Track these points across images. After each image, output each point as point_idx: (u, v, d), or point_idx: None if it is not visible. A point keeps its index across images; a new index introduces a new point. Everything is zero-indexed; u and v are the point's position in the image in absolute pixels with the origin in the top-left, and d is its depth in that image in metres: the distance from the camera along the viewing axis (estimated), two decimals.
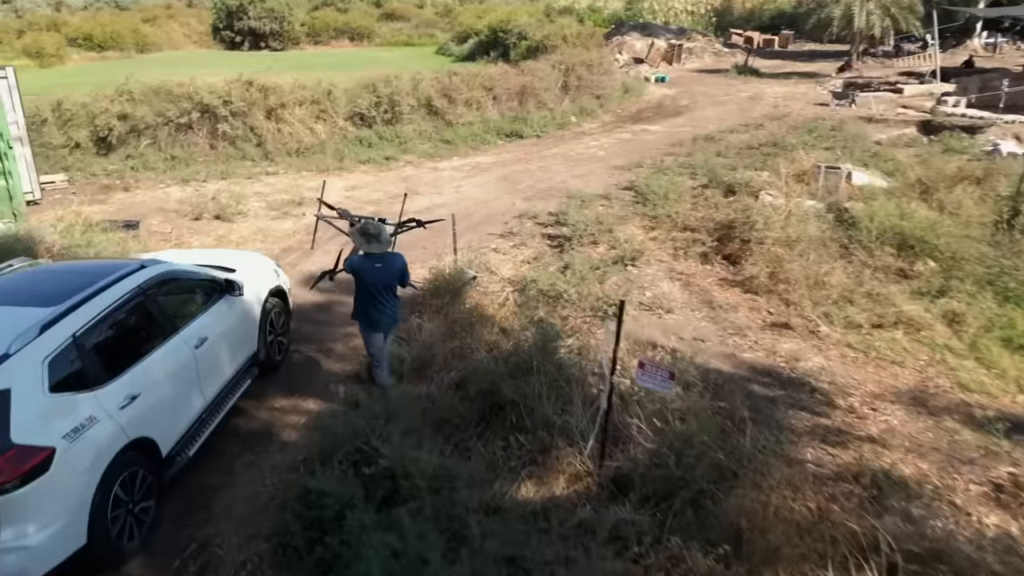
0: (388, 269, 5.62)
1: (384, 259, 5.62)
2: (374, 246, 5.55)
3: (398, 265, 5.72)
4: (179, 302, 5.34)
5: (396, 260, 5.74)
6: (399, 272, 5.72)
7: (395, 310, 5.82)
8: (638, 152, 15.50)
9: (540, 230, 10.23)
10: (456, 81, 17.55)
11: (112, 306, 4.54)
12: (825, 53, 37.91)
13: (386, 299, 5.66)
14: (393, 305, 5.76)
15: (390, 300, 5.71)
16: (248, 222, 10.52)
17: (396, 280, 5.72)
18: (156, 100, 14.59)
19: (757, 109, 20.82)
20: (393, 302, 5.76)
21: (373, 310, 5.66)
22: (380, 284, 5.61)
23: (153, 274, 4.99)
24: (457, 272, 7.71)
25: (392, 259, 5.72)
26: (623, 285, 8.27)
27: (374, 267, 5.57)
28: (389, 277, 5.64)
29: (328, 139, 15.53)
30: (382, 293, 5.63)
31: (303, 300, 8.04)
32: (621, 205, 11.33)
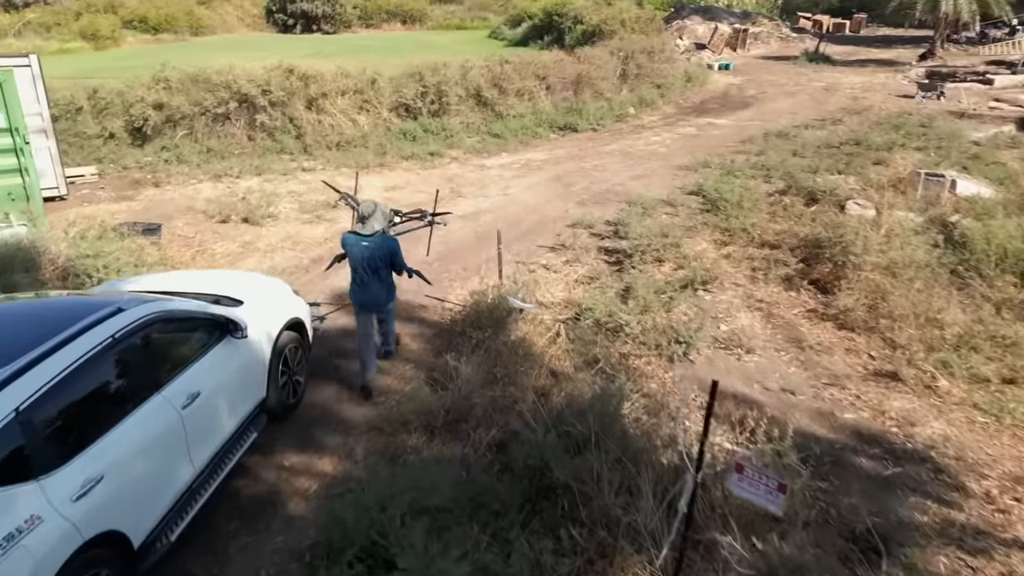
0: (374, 250, 5.70)
1: (373, 240, 5.69)
2: (361, 226, 5.69)
3: (386, 248, 5.75)
4: (165, 350, 4.43)
5: (386, 243, 5.77)
6: (386, 255, 5.76)
7: (379, 293, 5.89)
8: (704, 149, 14.19)
9: (596, 242, 9.12)
10: (508, 70, 16.46)
11: (73, 366, 3.64)
12: (901, 39, 35.52)
13: (368, 279, 5.79)
14: (376, 288, 5.85)
15: (372, 282, 5.81)
16: (278, 226, 9.69)
17: (383, 264, 5.78)
18: (193, 89, 13.90)
19: (833, 101, 19.17)
20: (377, 285, 5.84)
21: (355, 287, 5.90)
22: (364, 263, 5.74)
23: (132, 319, 4.09)
24: (501, 299, 6.69)
25: (382, 241, 5.74)
26: (694, 317, 7.13)
27: (360, 245, 5.71)
28: (374, 259, 5.72)
29: (371, 131, 14.64)
30: (365, 272, 5.77)
31: (328, 323, 7.14)
32: (688, 213, 10.13)
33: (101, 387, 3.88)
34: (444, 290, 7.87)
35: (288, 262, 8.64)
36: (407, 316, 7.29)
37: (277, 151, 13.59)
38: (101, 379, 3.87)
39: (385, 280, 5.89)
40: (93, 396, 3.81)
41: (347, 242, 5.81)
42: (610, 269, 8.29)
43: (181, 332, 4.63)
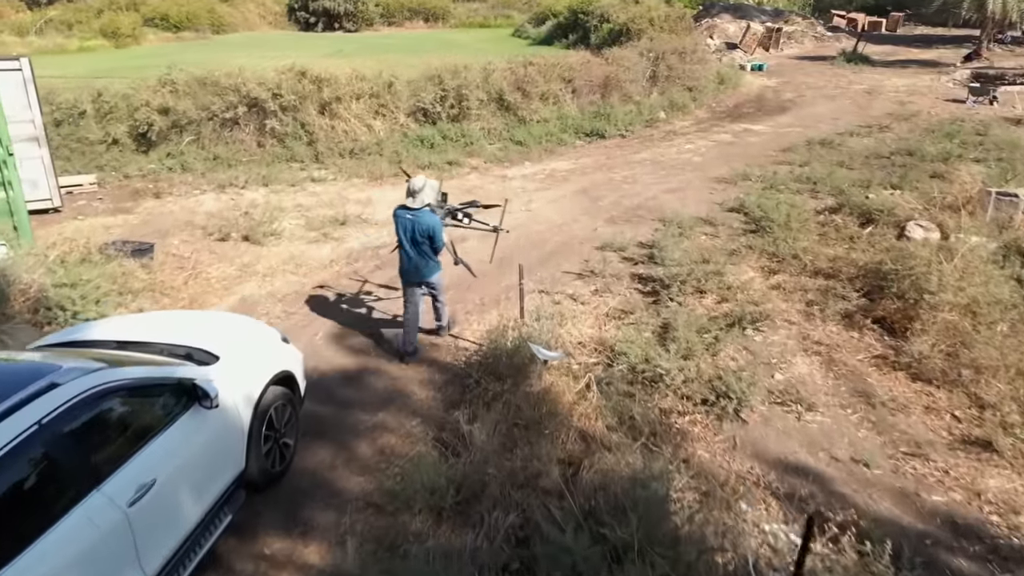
0: (416, 224, 5.98)
1: (416, 214, 5.99)
2: (411, 200, 5.99)
3: (426, 223, 5.97)
4: (111, 432, 3.63)
5: (426, 218, 5.99)
6: (426, 230, 5.98)
7: (420, 266, 6.17)
8: (741, 159, 13.21)
9: (628, 268, 8.23)
10: (532, 72, 15.57)
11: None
12: (942, 38, 34.13)
13: (411, 252, 6.11)
14: (418, 261, 6.14)
15: (414, 255, 6.11)
16: (280, 246, 8.91)
17: (423, 237, 6.01)
18: (201, 92, 13.21)
19: (877, 105, 18.05)
20: (418, 258, 6.13)
21: (402, 259, 6.25)
22: (407, 235, 6.06)
23: (68, 398, 3.30)
24: (522, 344, 5.83)
25: (423, 216, 5.99)
26: (744, 364, 6.22)
27: (406, 217, 6.05)
28: (416, 232, 6.00)
29: (387, 138, 13.85)
30: (408, 244, 6.09)
31: (326, 364, 6.34)
32: (729, 234, 9.20)
33: (13, 493, 3.07)
34: (458, 325, 7.04)
35: (288, 288, 7.86)
36: (420, 356, 6.47)
37: (287, 159, 12.84)
38: (16, 482, 3.08)
39: (426, 254, 6.12)
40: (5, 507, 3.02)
41: (396, 214, 6.15)
42: (645, 301, 7.39)
43: (133, 406, 3.81)
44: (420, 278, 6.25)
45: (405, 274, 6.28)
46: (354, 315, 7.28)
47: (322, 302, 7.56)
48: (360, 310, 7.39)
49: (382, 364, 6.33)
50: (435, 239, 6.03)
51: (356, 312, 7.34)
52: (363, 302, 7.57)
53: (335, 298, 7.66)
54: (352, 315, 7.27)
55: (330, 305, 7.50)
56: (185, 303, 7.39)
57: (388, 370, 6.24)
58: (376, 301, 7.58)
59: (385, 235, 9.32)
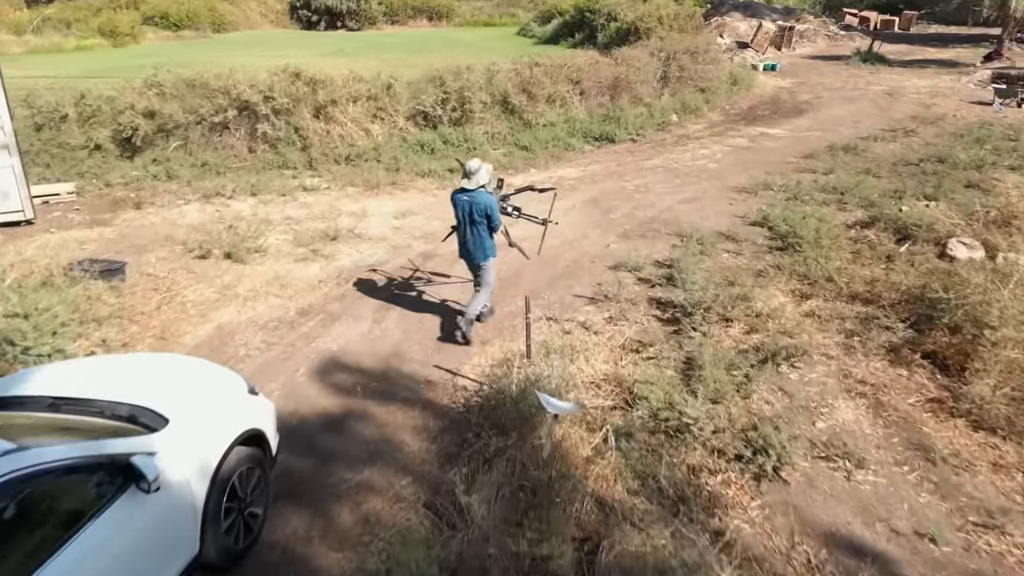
0: (474, 204, 6.19)
1: (472, 195, 6.19)
2: (464, 182, 6.19)
3: (483, 202, 6.18)
4: (27, 526, 2.91)
5: (483, 197, 6.20)
6: (482, 210, 6.19)
7: (475, 248, 6.39)
8: (760, 165, 12.46)
9: (645, 291, 7.49)
10: (538, 73, 14.82)
11: None
12: (957, 37, 33.30)
13: (468, 232, 6.34)
14: (473, 242, 6.37)
15: (471, 236, 6.35)
16: (265, 264, 8.19)
17: (480, 217, 6.21)
18: (189, 95, 12.51)
19: (899, 108, 17.26)
20: (474, 239, 6.36)
21: (460, 239, 6.49)
22: (464, 216, 6.28)
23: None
24: (529, 392, 5.10)
25: (480, 196, 6.20)
26: (780, 406, 5.49)
27: (463, 199, 6.24)
28: (473, 212, 6.21)
29: (385, 142, 13.13)
30: (466, 224, 6.31)
31: (308, 406, 5.62)
32: (754, 252, 8.45)
33: None
34: (458, 357, 6.32)
35: (271, 313, 7.14)
36: (408, 397, 5.75)
37: (279, 165, 12.12)
38: None
39: (482, 235, 6.33)
40: None
41: (453, 198, 6.36)
42: (665, 331, 6.65)
43: (56, 493, 3.10)
44: (477, 259, 6.46)
45: (464, 254, 6.59)
46: (343, 346, 6.55)
47: (305, 332, 6.84)
48: (350, 340, 6.67)
49: (370, 406, 5.61)
50: (492, 218, 6.24)
51: (345, 342, 6.62)
52: (353, 330, 6.85)
53: (322, 325, 6.94)
54: (341, 346, 6.55)
55: (315, 334, 6.79)
56: (156, 332, 6.69)
57: (376, 414, 5.52)
58: (374, 323, 6.87)
59: (380, 252, 8.60)
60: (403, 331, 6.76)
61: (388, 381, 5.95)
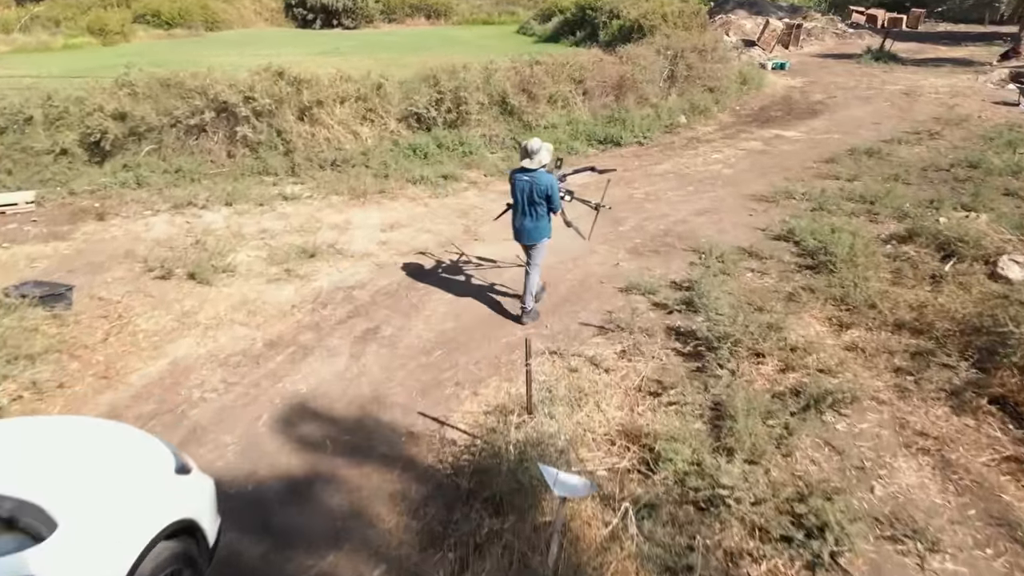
0: (534, 185, 6.10)
1: (532, 175, 6.10)
2: (525, 161, 6.08)
3: (544, 182, 6.08)
4: None
5: (543, 178, 6.10)
6: (543, 191, 6.09)
7: (532, 228, 6.29)
8: (778, 171, 11.57)
9: (662, 319, 6.59)
10: (539, 72, 13.93)
11: None
12: (968, 35, 32.48)
13: (526, 212, 6.26)
14: (531, 223, 6.27)
15: (529, 216, 6.25)
16: (233, 286, 7.28)
17: (540, 197, 6.12)
18: (163, 95, 11.61)
19: (919, 108, 16.36)
20: (531, 220, 6.25)
21: (515, 220, 6.41)
22: (523, 197, 6.20)
23: None
24: (531, 462, 4.20)
25: (540, 176, 6.09)
26: (828, 466, 4.60)
27: (522, 179, 6.17)
28: (532, 192, 6.11)
29: (375, 146, 12.23)
30: (523, 205, 6.23)
31: (267, 466, 4.73)
32: (781, 271, 7.56)
33: None
34: (447, 401, 5.43)
35: (235, 345, 6.25)
36: (386, 454, 4.85)
37: (259, 171, 11.22)
38: None
39: (540, 216, 6.26)
40: None
41: (512, 177, 6.27)
42: (687, 368, 5.77)
43: None
44: (533, 240, 6.36)
45: (517, 235, 6.47)
46: (314, 387, 5.66)
47: (272, 368, 5.94)
48: (322, 379, 5.78)
49: (341, 466, 4.72)
50: (552, 199, 6.14)
51: (317, 382, 5.73)
52: (327, 367, 5.96)
53: (291, 360, 6.04)
54: (311, 387, 5.66)
55: (284, 372, 5.89)
56: (99, 369, 5.80)
57: (348, 477, 4.63)
58: (352, 358, 5.97)
59: (363, 271, 7.71)
60: (384, 368, 5.87)
61: (364, 433, 5.06)
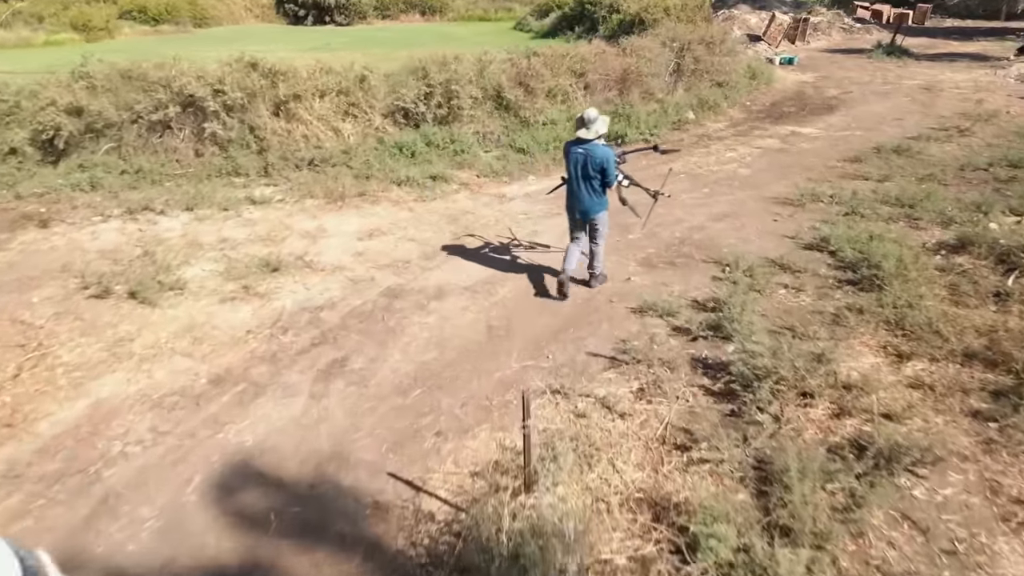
0: (589, 158, 5.95)
1: (587, 147, 5.94)
2: (582, 131, 5.91)
3: (600, 155, 5.93)
4: None
5: (599, 150, 5.93)
6: (598, 164, 5.94)
7: (588, 202, 6.14)
8: (799, 170, 10.54)
9: (685, 347, 5.55)
10: (537, 64, 12.88)
11: None
12: (978, 30, 31.57)
13: (580, 187, 6.11)
14: (586, 197, 6.12)
15: (583, 189, 6.10)
16: (181, 306, 6.23)
17: (595, 171, 5.98)
18: (124, 88, 10.57)
19: (942, 104, 15.33)
20: (587, 193, 6.11)
21: (570, 195, 6.27)
22: (578, 169, 6.05)
23: None
24: (527, 542, 3.18)
25: (596, 149, 5.93)
26: (911, 549, 3.57)
27: (576, 151, 6.02)
28: (587, 165, 5.98)
29: (358, 144, 11.18)
30: (579, 179, 6.08)
31: (188, 552, 3.68)
32: (818, 286, 6.52)
33: None
34: (423, 460, 4.38)
35: (173, 381, 5.20)
36: (345, 534, 3.80)
37: (228, 172, 10.17)
38: None
39: (596, 190, 6.07)
40: None
41: (567, 150, 6.10)
42: (719, 411, 4.73)
43: None
44: (587, 215, 6.20)
45: (572, 210, 6.28)
46: (261, 438, 4.62)
47: (216, 410, 4.90)
48: (273, 427, 4.73)
49: (285, 553, 3.67)
50: (607, 172, 5.98)
51: (267, 431, 4.69)
52: (281, 410, 4.91)
53: (239, 402, 5.00)
54: (259, 438, 4.62)
55: (228, 416, 4.85)
56: (3, 413, 4.75)
57: (293, 569, 3.58)
58: (312, 399, 4.93)
59: (334, 288, 6.65)
60: (350, 413, 4.82)
61: (319, 503, 4.01)
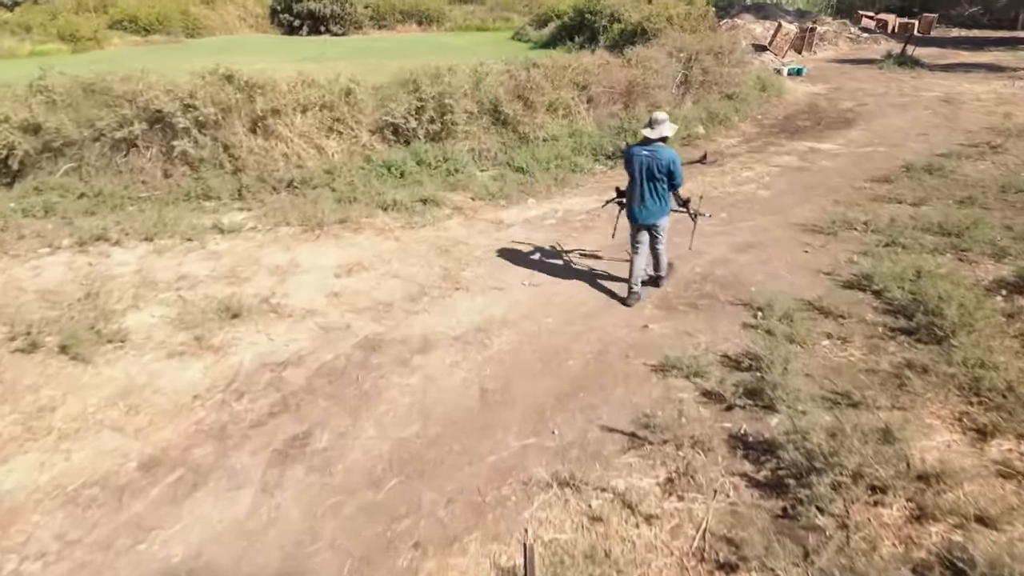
0: (656, 160, 5.78)
1: (653, 149, 5.81)
2: (646, 130, 5.84)
3: (667, 157, 5.78)
4: None
5: (666, 152, 5.80)
6: (666, 166, 5.80)
7: (652, 207, 5.95)
8: (824, 191, 9.64)
9: (717, 419, 4.60)
10: (536, 76, 11.98)
11: None
12: (987, 40, 30.86)
13: (645, 190, 5.90)
14: (650, 201, 5.94)
15: (648, 193, 5.91)
16: (118, 365, 5.28)
17: (661, 173, 5.82)
18: (86, 103, 9.66)
19: (966, 117, 14.46)
20: (651, 197, 5.92)
21: (633, 201, 6.05)
22: (643, 172, 5.86)
23: None
24: None
25: (662, 151, 5.80)
26: None
27: (642, 153, 5.86)
28: (652, 168, 5.80)
29: (344, 163, 10.26)
30: (644, 183, 5.89)
31: None
32: (867, 337, 5.58)
33: None
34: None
35: (95, 468, 4.24)
36: None
37: (198, 195, 9.24)
38: None
39: (660, 194, 5.95)
40: None
41: (630, 153, 5.98)
42: (767, 510, 3.79)
43: None
44: (651, 219, 6.02)
45: (635, 217, 6.10)
46: (193, 551, 3.66)
47: (142, 509, 3.95)
48: (210, 534, 3.78)
49: None
50: (675, 174, 5.88)
51: (200, 540, 3.73)
52: (223, 508, 3.96)
53: (171, 497, 4.04)
54: (190, 551, 3.66)
55: (155, 518, 3.89)
56: None
57: None
58: (263, 492, 3.98)
59: (302, 339, 5.70)
60: (308, 513, 3.87)
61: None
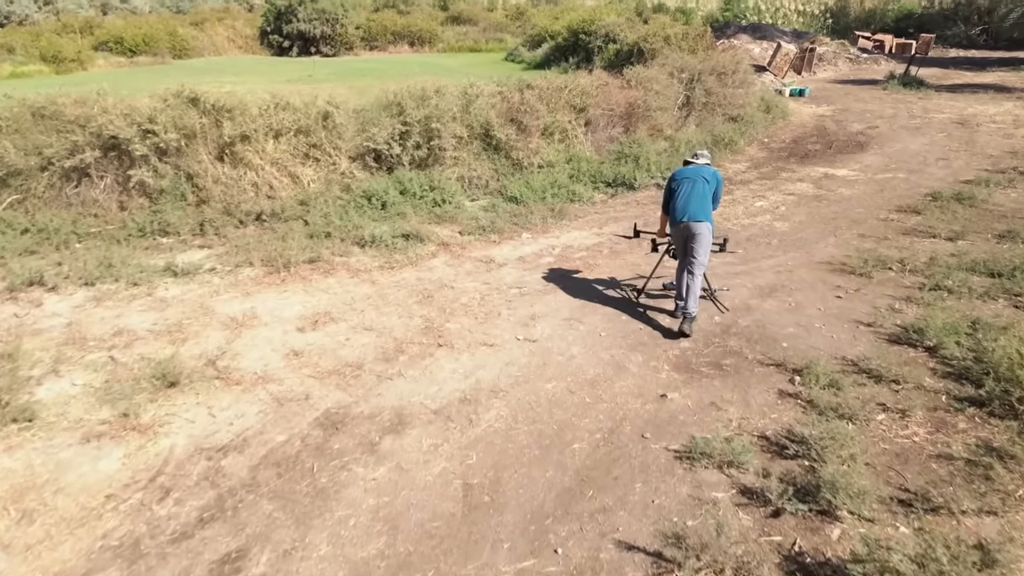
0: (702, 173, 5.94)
1: (700, 167, 6.04)
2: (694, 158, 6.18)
3: (711, 171, 5.97)
4: None
5: (710, 169, 6.01)
6: (712, 178, 5.94)
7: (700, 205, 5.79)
8: (847, 223, 8.76)
9: (763, 526, 3.65)
10: (530, 98, 11.14)
11: None
12: (987, 60, 30.42)
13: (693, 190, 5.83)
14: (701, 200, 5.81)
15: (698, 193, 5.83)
16: (21, 451, 4.29)
17: (709, 187, 5.89)
18: (34, 129, 8.75)
19: (985, 141, 13.68)
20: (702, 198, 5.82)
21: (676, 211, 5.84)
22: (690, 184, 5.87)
23: None
24: None
25: (707, 168, 6.02)
26: None
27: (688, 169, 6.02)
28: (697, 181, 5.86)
29: (321, 192, 9.37)
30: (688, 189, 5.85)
31: None
32: (928, 407, 4.65)
33: None
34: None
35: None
36: None
37: (155, 230, 8.31)
38: None
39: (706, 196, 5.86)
40: None
41: (677, 173, 6.05)
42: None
43: None
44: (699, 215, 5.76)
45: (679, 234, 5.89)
46: None
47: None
48: None
49: None
50: (717, 191, 5.99)
51: None
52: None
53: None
54: None
55: None
56: None
57: None
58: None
59: (250, 414, 4.73)
60: None
61: None
